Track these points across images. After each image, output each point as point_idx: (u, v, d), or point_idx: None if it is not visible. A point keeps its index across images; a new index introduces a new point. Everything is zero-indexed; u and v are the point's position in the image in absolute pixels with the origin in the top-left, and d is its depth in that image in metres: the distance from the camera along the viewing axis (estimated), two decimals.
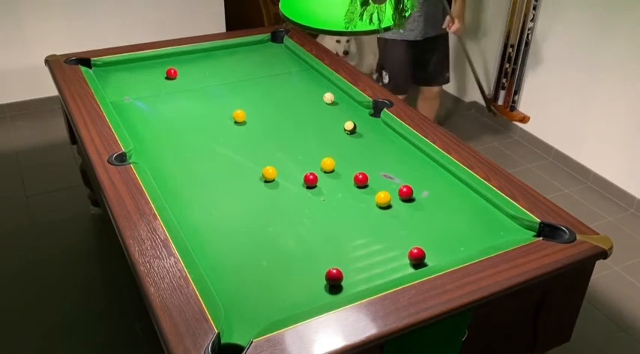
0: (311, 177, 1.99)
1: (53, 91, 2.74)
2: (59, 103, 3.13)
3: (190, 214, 1.84)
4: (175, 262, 1.56)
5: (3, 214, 3.02)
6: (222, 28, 4.30)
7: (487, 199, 1.91)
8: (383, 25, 1.64)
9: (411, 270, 1.64)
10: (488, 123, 4.08)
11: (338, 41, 4.29)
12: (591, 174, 3.39)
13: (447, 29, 3.23)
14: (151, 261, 1.57)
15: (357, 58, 4.52)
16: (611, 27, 3.10)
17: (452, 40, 3.57)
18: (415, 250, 1.65)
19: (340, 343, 1.34)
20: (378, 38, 3.45)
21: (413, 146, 2.22)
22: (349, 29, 1.62)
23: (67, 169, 3.36)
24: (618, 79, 3.12)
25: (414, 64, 3.31)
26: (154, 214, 1.74)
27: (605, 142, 3.28)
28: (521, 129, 3.84)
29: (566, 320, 1.81)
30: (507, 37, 3.77)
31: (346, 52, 4.33)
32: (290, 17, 1.75)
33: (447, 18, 3.18)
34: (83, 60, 2.74)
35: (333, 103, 2.54)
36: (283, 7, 1.78)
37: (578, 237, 1.68)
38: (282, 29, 3.15)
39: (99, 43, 3.29)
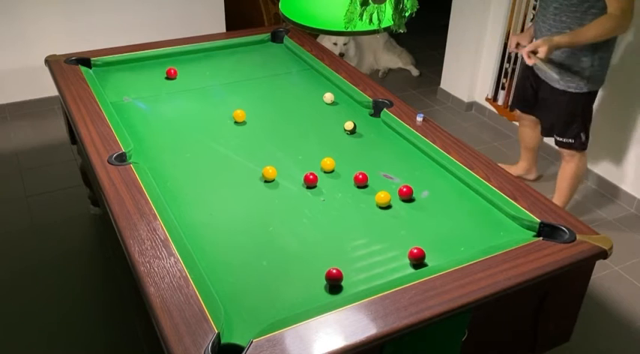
0: (311, 177, 1.99)
1: (53, 91, 2.74)
2: (59, 103, 3.13)
3: (190, 214, 1.84)
4: (175, 262, 1.56)
5: (3, 214, 3.02)
6: (222, 28, 4.31)
7: (487, 199, 1.91)
8: (383, 25, 1.64)
9: (411, 270, 1.64)
10: (488, 123, 4.08)
11: (335, 43, 4.30)
12: (591, 174, 3.39)
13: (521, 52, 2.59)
14: (151, 261, 1.57)
15: (357, 60, 4.52)
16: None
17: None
18: (415, 250, 1.65)
19: (340, 343, 1.34)
20: None
21: (413, 146, 2.22)
22: (349, 29, 1.62)
23: (67, 169, 3.36)
24: (617, 78, 3.12)
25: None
26: (154, 214, 1.74)
27: (605, 141, 3.28)
28: None
29: (566, 320, 1.82)
30: (507, 37, 3.77)
31: (342, 55, 4.33)
32: (290, 17, 1.75)
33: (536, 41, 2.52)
34: (83, 60, 2.74)
35: (333, 103, 2.54)
36: (283, 7, 1.78)
37: (578, 237, 1.68)
38: (282, 29, 3.15)
39: (99, 43, 3.30)
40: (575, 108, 2.72)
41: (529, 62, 2.55)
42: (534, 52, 2.51)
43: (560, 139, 2.82)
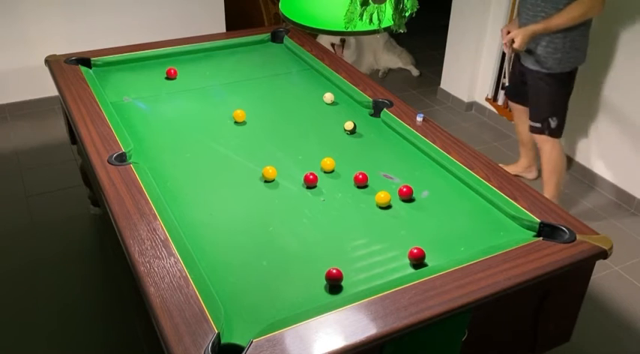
0: (311, 177, 1.99)
1: (53, 91, 2.74)
2: (59, 103, 3.13)
3: (190, 214, 1.84)
4: (175, 262, 1.56)
5: (3, 214, 3.02)
6: (222, 28, 4.31)
7: (487, 199, 1.91)
8: (383, 25, 1.64)
9: (411, 270, 1.64)
10: (488, 123, 4.08)
11: None
12: (591, 174, 3.39)
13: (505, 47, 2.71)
14: (151, 261, 1.57)
15: (355, 56, 4.52)
16: (610, 24, 3.10)
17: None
18: (415, 250, 1.65)
19: (340, 343, 1.34)
20: None
21: (413, 146, 2.22)
22: (349, 29, 1.62)
23: (67, 169, 3.36)
24: (618, 78, 3.12)
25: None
26: (154, 214, 1.74)
27: (605, 141, 3.28)
28: None
29: (566, 320, 1.81)
30: None
31: (343, 41, 4.32)
32: (290, 17, 1.75)
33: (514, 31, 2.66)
34: (83, 60, 2.74)
35: (333, 103, 2.54)
36: (283, 7, 1.79)
37: (578, 237, 1.68)
38: (282, 29, 3.15)
39: (99, 43, 3.30)
40: (545, 88, 2.80)
41: (507, 51, 2.73)
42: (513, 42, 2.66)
43: (532, 124, 2.89)
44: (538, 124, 2.86)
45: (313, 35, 3.18)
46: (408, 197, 1.93)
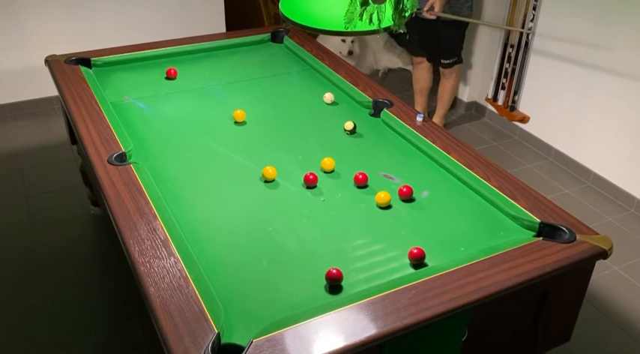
0: (311, 177, 1.99)
1: (53, 91, 2.74)
2: (59, 103, 3.13)
3: (190, 214, 1.84)
4: (175, 262, 1.56)
5: (3, 214, 3.02)
6: (222, 28, 4.31)
7: (487, 199, 1.91)
8: (383, 25, 1.64)
9: (411, 270, 1.64)
10: (488, 123, 4.08)
11: (343, 40, 4.31)
12: (591, 174, 3.39)
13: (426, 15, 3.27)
14: (151, 261, 1.57)
15: (357, 59, 4.52)
16: (611, 27, 3.10)
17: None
18: (415, 250, 1.65)
19: (340, 343, 1.34)
20: None
21: (413, 146, 2.22)
22: (349, 29, 1.62)
23: (67, 169, 3.36)
24: (618, 79, 3.12)
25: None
26: (154, 214, 1.74)
27: (605, 142, 3.28)
28: (521, 129, 3.84)
29: (566, 320, 1.82)
30: (507, 37, 3.77)
31: (350, 52, 4.35)
32: (290, 17, 1.75)
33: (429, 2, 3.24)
34: (83, 60, 2.74)
35: (333, 103, 2.54)
36: (283, 7, 1.79)
37: (578, 237, 1.68)
38: (282, 29, 3.15)
39: (99, 43, 3.30)
40: (456, 32, 3.53)
41: (429, 16, 3.24)
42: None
43: (447, 61, 3.61)
44: (453, 59, 3.60)
45: (313, 35, 3.18)
46: (408, 197, 1.93)
